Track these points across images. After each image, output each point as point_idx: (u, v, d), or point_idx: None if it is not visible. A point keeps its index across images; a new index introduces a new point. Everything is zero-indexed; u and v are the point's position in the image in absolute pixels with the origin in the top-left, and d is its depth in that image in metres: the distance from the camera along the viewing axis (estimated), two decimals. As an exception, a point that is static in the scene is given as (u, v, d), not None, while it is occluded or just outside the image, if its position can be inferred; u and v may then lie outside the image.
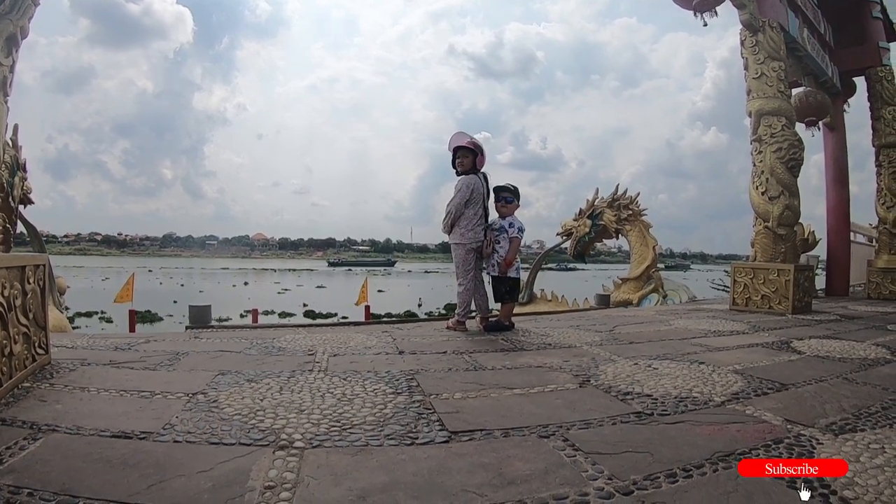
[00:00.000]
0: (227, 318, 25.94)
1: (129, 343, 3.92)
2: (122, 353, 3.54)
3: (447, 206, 4.98)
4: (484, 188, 5.02)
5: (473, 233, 4.92)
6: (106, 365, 3.15)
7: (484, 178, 5.07)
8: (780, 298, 6.99)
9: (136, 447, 1.85)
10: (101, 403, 2.37)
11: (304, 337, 4.35)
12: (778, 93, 7.44)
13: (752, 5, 7.65)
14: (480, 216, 4.96)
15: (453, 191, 4.99)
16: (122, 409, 2.27)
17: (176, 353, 3.56)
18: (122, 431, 1.99)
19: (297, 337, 4.34)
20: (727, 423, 2.30)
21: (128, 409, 2.29)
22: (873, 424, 2.34)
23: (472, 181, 4.94)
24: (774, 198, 7.23)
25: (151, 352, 3.58)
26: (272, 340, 4.14)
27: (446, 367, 3.35)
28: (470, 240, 4.91)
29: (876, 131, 10.68)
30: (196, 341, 4.10)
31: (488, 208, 5.07)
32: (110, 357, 3.37)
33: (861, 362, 3.80)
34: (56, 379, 2.75)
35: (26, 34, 3.23)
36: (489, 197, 5.08)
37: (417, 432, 2.08)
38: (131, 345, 3.84)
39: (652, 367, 3.38)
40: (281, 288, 45.30)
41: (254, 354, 3.59)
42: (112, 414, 2.21)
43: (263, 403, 2.37)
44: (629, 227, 12.60)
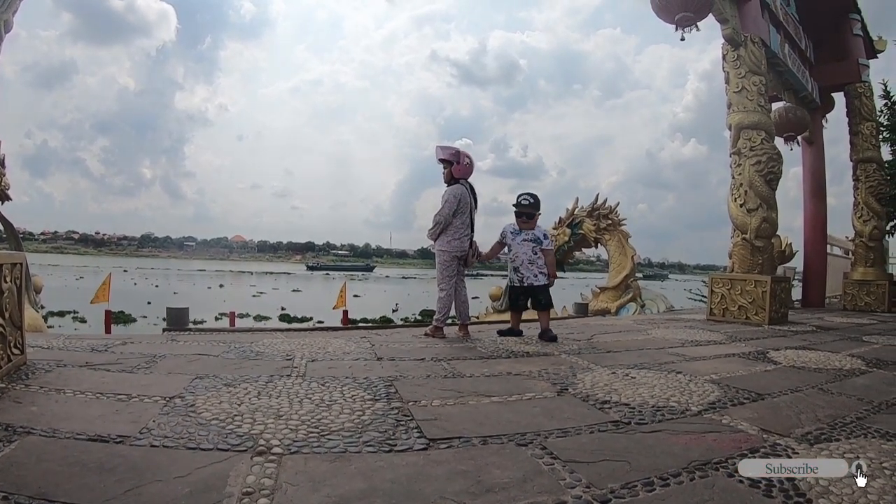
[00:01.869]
0: (202, 320, 25.74)
1: (106, 344, 3.90)
2: (98, 354, 3.52)
3: (435, 217, 5.06)
4: (470, 198, 5.09)
5: (459, 241, 5.00)
6: (82, 367, 3.14)
7: (470, 188, 5.14)
8: (757, 309, 7.12)
9: (112, 451, 1.85)
10: (78, 406, 2.36)
11: (282, 341, 4.35)
12: (758, 107, 7.60)
13: (734, 20, 7.81)
14: (467, 225, 5.03)
15: (440, 200, 5.06)
16: (98, 412, 2.26)
17: (153, 355, 3.55)
18: (99, 435, 1.98)
19: (275, 341, 4.33)
20: (704, 433, 2.34)
21: (104, 411, 2.28)
22: (848, 434, 2.40)
23: (458, 191, 5.03)
24: (753, 210, 7.37)
25: (128, 354, 3.56)
26: (250, 345, 4.14)
27: (425, 373, 3.38)
28: (455, 248, 4.99)
29: (854, 146, 10.96)
30: (173, 344, 4.09)
31: (475, 218, 5.12)
32: (87, 359, 3.35)
33: (836, 373, 3.89)
34: (32, 380, 2.74)
35: (10, 28, 3.19)
36: (476, 207, 5.16)
37: (396, 439, 2.10)
38: (108, 346, 3.83)
39: (629, 376, 3.43)
40: (256, 291, 44.91)
41: (232, 358, 3.58)
42: (88, 417, 2.20)
43: (241, 408, 2.38)
44: (608, 237, 12.76)
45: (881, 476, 1.89)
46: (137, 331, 20.81)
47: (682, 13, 6.66)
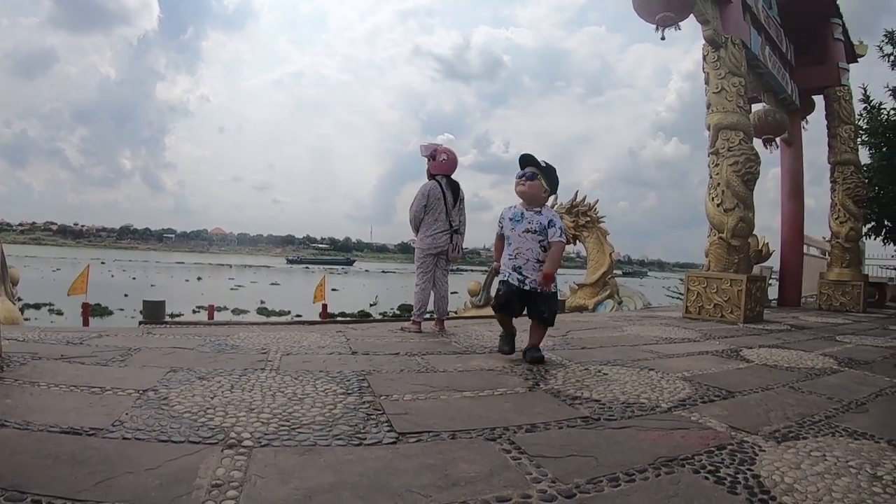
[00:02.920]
0: (179, 313, 25.59)
1: (81, 337, 3.90)
2: (73, 347, 3.53)
3: (409, 212, 5.15)
4: (445, 194, 5.12)
5: (432, 239, 5.04)
6: (57, 359, 3.15)
7: (448, 183, 5.18)
8: (733, 308, 7.24)
9: (85, 443, 1.87)
10: (52, 399, 2.37)
11: (257, 335, 4.38)
12: (737, 108, 7.70)
13: (715, 22, 7.90)
14: (442, 222, 5.07)
15: None
16: (72, 405, 2.29)
17: (128, 348, 3.57)
18: (72, 427, 2.00)
19: (250, 335, 4.36)
20: (672, 430, 2.40)
21: (78, 404, 2.30)
22: (816, 433, 2.46)
23: (427, 188, 5.11)
24: (730, 210, 7.49)
25: (104, 347, 3.58)
26: (226, 338, 4.16)
27: (398, 368, 3.43)
28: (428, 245, 5.04)
29: (832, 148, 11.15)
30: (149, 337, 4.10)
31: (451, 214, 5.16)
32: (62, 351, 3.36)
33: (808, 372, 3.97)
34: (6, 373, 2.75)
35: None
36: (456, 203, 5.19)
37: (366, 433, 2.15)
38: (83, 339, 3.83)
39: (602, 372, 3.51)
40: (235, 284, 44.62)
41: (207, 352, 3.61)
42: (62, 409, 2.22)
43: (214, 401, 2.41)
44: (587, 234, 12.89)
45: (847, 475, 1.94)
46: (114, 324, 20.61)
47: (663, 13, 6.75)
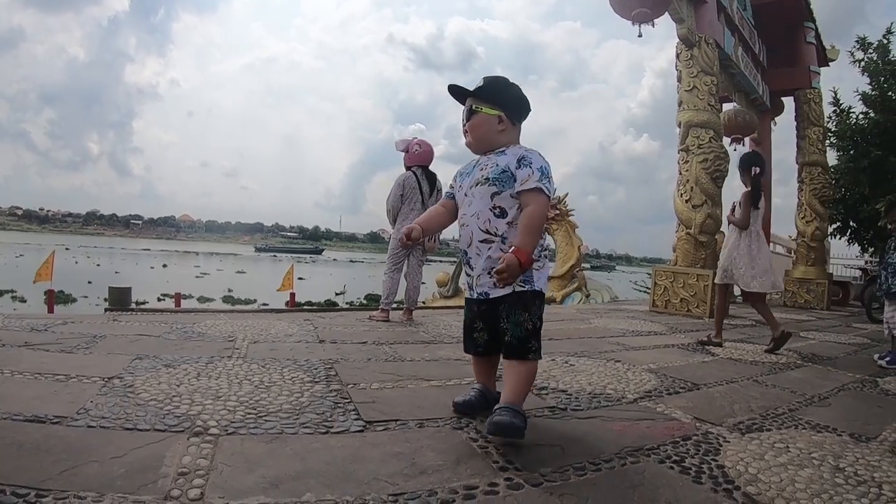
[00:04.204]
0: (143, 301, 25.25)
1: (46, 324, 3.84)
2: (37, 334, 3.48)
3: (386, 203, 5.21)
4: (420, 184, 5.16)
5: None
6: (21, 346, 3.10)
7: (424, 173, 5.21)
8: (699, 302, 7.42)
9: (49, 432, 1.86)
10: (15, 386, 2.34)
11: (224, 322, 4.37)
12: (708, 106, 7.86)
13: (690, 21, 8.03)
14: (418, 212, 5.09)
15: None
16: (35, 393, 2.26)
17: (94, 335, 3.53)
18: (36, 416, 1.98)
19: (217, 322, 4.35)
20: (638, 420, 2.46)
21: (42, 392, 2.28)
22: (779, 425, 2.54)
23: (401, 178, 5.18)
24: (698, 206, 7.65)
25: (68, 334, 3.53)
26: (192, 325, 4.15)
27: (366, 357, 3.45)
28: None
29: (800, 149, 11.44)
30: (115, 324, 4.06)
31: (428, 204, 5.17)
32: (25, 338, 3.31)
33: (772, 366, 4.09)
34: None
35: None
36: (433, 193, 5.22)
37: (333, 421, 2.16)
38: (48, 326, 3.78)
39: (569, 363, 3.58)
40: (200, 272, 44.07)
41: (173, 339, 3.59)
42: (26, 397, 2.19)
43: (180, 389, 2.41)
44: (555, 227, 13.01)
45: (809, 465, 2.00)
46: (78, 311, 20.21)
47: (639, 9, 6.82)
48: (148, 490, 1.50)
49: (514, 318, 2.17)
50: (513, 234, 2.16)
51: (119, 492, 1.48)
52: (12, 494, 1.43)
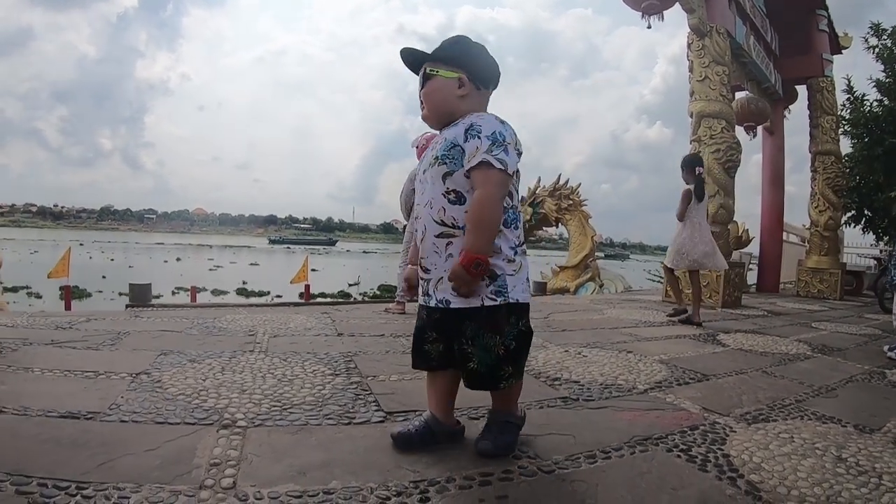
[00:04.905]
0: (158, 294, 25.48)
1: (70, 322, 3.95)
2: (63, 332, 3.58)
3: (399, 199, 5.31)
4: None
5: None
6: (48, 344, 3.20)
7: None
8: (711, 293, 7.45)
9: (83, 427, 1.95)
10: (46, 384, 2.44)
11: (244, 317, 4.46)
12: (720, 96, 7.85)
13: (701, 10, 8.00)
14: None
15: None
16: (67, 390, 2.36)
17: (118, 332, 3.63)
18: (70, 412, 2.08)
19: (237, 317, 4.44)
20: (648, 410, 2.53)
21: (73, 389, 2.38)
22: (786, 416, 2.59)
23: (413, 172, 5.28)
24: (710, 196, 7.63)
25: (93, 331, 3.64)
26: (213, 320, 4.24)
27: (384, 349, 3.54)
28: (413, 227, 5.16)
29: (813, 138, 11.35)
30: (137, 320, 4.16)
31: None
32: (52, 336, 3.41)
33: (782, 357, 4.11)
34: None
35: None
36: None
37: (355, 412, 2.25)
38: (72, 324, 3.88)
39: (581, 354, 3.65)
40: (213, 265, 44.42)
41: (195, 335, 3.69)
42: (58, 394, 2.29)
43: (206, 383, 2.50)
44: (569, 217, 13.06)
45: (812, 455, 2.06)
46: (93, 306, 20.46)
47: (649, 1, 6.83)
48: (183, 480, 1.59)
49: (483, 342, 1.78)
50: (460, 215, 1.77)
51: (156, 482, 1.57)
52: (54, 487, 1.51)
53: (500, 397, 1.94)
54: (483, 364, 1.79)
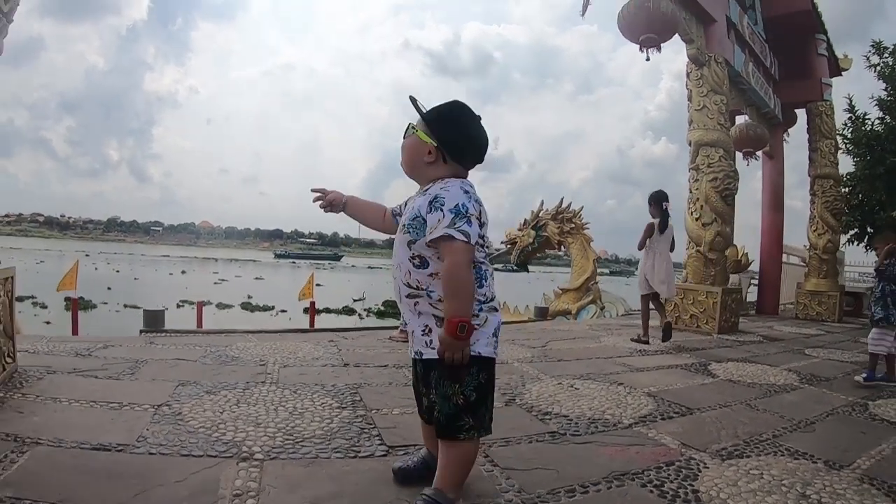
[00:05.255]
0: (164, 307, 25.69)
1: (89, 348, 4.16)
2: (83, 359, 3.80)
3: None
4: None
5: None
6: (71, 373, 3.42)
7: None
8: (708, 318, 7.65)
9: (115, 459, 2.18)
10: (75, 415, 2.67)
11: (255, 345, 4.68)
12: (718, 125, 8.08)
13: (699, 41, 8.27)
14: None
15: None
16: (95, 421, 2.58)
17: (135, 360, 3.86)
18: (101, 444, 2.30)
19: (248, 346, 4.66)
20: (629, 445, 2.74)
21: (101, 420, 2.60)
22: (760, 451, 2.77)
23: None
24: (708, 224, 7.89)
25: (112, 359, 3.86)
26: (225, 348, 4.46)
27: (387, 381, 3.75)
28: None
29: (812, 162, 11.61)
30: (152, 348, 4.39)
31: None
32: (74, 364, 3.63)
33: (768, 388, 4.30)
34: (27, 388, 3.01)
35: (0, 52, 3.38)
36: None
37: (360, 446, 2.48)
38: (91, 350, 4.10)
39: (574, 387, 3.85)
40: (218, 278, 44.75)
41: (209, 364, 3.91)
42: (88, 426, 2.51)
43: (223, 416, 2.73)
44: (571, 240, 13.27)
45: (777, 492, 2.25)
46: (98, 317, 20.69)
47: (647, 34, 7.08)
48: (211, 510, 1.82)
49: (442, 391, 1.87)
50: (439, 287, 1.87)
51: (187, 512, 1.80)
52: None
53: (443, 471, 1.93)
54: (443, 413, 1.87)
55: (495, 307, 1.96)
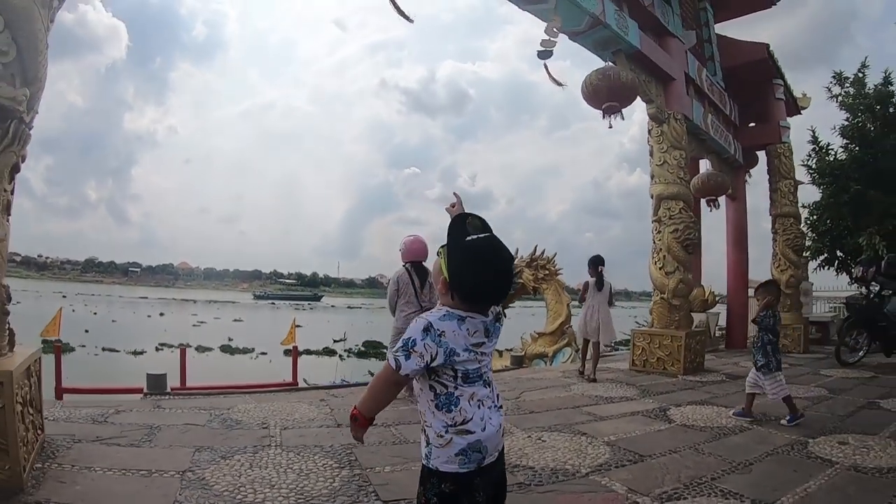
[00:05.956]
0: (141, 350, 25.96)
1: (103, 414, 4.61)
2: (101, 426, 4.26)
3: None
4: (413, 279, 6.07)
5: (405, 319, 5.93)
6: (94, 441, 3.88)
7: (415, 268, 6.09)
8: (673, 361, 8.26)
9: (160, 522, 2.71)
10: (111, 483, 3.15)
11: (254, 407, 5.17)
12: (678, 179, 8.80)
13: (659, 100, 9.02)
14: (413, 304, 5.99)
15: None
16: (133, 489, 3.08)
17: (149, 426, 4.34)
18: (144, 511, 2.82)
19: (248, 407, 5.15)
20: (583, 493, 3.29)
21: (137, 487, 3.10)
22: (696, 493, 3.31)
23: (396, 275, 6.21)
24: (670, 273, 8.57)
25: (127, 425, 4.33)
26: (228, 411, 4.95)
27: (377, 440, 4.26)
28: (402, 325, 5.91)
29: (773, 202, 12.45)
30: (161, 413, 4.87)
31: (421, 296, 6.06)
32: (95, 433, 4.08)
33: (718, 431, 4.82)
34: (60, 458, 3.46)
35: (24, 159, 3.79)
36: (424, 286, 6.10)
37: (360, 502, 3.01)
38: (105, 416, 4.55)
39: (541, 439, 4.40)
40: (197, 321, 44.83)
41: (217, 428, 4.42)
42: (127, 493, 3.01)
43: (242, 479, 3.25)
44: (546, 286, 13.95)
45: None
46: (76, 360, 20.61)
47: (609, 102, 7.75)
48: (245, 564, 2.36)
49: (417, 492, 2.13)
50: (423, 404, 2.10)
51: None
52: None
53: None
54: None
55: (467, 430, 2.05)
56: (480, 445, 2.05)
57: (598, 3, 7.51)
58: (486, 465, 2.07)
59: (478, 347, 2.08)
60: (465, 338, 2.05)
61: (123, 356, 25.38)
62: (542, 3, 7.05)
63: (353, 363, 26.19)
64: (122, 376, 13.34)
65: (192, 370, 10.54)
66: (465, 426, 2.06)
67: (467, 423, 2.06)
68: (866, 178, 13.50)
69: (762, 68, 12.13)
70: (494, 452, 2.12)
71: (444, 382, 2.06)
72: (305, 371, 14.06)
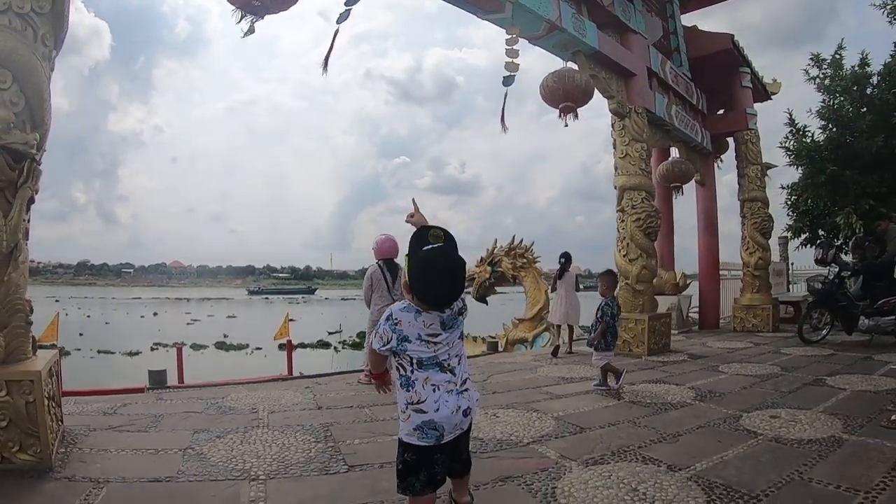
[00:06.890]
0: (137, 351, 26.62)
1: (112, 407, 5.29)
2: (112, 417, 4.94)
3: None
4: (385, 275, 6.71)
5: (379, 312, 6.56)
6: (107, 429, 4.53)
7: (387, 265, 6.74)
8: (638, 343, 8.97)
9: (168, 486, 3.38)
10: (125, 461, 3.81)
11: (246, 395, 5.86)
12: (640, 170, 9.45)
13: (620, 95, 9.63)
14: (386, 298, 6.60)
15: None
16: (144, 464, 3.76)
17: (154, 415, 5.02)
18: (154, 478, 3.48)
19: (240, 395, 5.84)
20: (520, 458, 3.87)
21: (147, 462, 3.78)
22: (619, 459, 3.73)
23: (369, 271, 6.84)
24: (634, 259, 9.27)
25: (135, 415, 5.01)
26: (222, 400, 5.63)
27: (352, 419, 4.95)
28: (377, 315, 6.55)
29: (741, 187, 13.11)
30: (163, 403, 5.56)
31: (393, 291, 6.65)
32: (107, 422, 4.76)
33: (661, 406, 5.25)
34: (79, 444, 4.09)
35: (37, 192, 4.21)
36: (395, 281, 6.69)
37: (330, 467, 3.72)
38: (114, 409, 5.22)
39: (496, 415, 5.03)
40: (191, 319, 45.47)
41: (213, 414, 5.11)
42: (140, 467, 3.69)
43: (233, 453, 3.94)
44: (524, 274, 14.75)
45: (614, 487, 3.23)
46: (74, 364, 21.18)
47: (565, 103, 8.39)
48: (237, 511, 3.07)
49: None
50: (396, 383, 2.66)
51: (223, 513, 3.04)
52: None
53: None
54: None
55: (421, 409, 2.49)
56: (435, 424, 2.48)
57: (554, 8, 8.13)
58: (446, 441, 2.52)
59: (433, 338, 2.51)
60: (420, 328, 2.50)
61: (119, 358, 26.14)
62: (499, 12, 7.67)
63: (348, 354, 26.87)
64: (120, 378, 13.97)
65: (188, 368, 11.20)
66: (419, 406, 2.51)
67: (421, 404, 2.51)
68: (843, 159, 14.09)
69: (727, 58, 12.69)
70: (455, 431, 2.56)
71: (403, 366, 2.55)
72: (301, 364, 14.68)
